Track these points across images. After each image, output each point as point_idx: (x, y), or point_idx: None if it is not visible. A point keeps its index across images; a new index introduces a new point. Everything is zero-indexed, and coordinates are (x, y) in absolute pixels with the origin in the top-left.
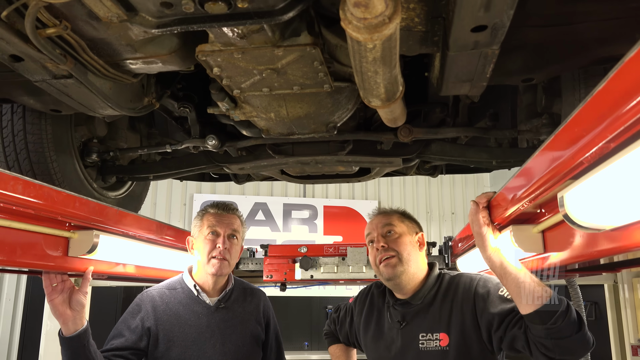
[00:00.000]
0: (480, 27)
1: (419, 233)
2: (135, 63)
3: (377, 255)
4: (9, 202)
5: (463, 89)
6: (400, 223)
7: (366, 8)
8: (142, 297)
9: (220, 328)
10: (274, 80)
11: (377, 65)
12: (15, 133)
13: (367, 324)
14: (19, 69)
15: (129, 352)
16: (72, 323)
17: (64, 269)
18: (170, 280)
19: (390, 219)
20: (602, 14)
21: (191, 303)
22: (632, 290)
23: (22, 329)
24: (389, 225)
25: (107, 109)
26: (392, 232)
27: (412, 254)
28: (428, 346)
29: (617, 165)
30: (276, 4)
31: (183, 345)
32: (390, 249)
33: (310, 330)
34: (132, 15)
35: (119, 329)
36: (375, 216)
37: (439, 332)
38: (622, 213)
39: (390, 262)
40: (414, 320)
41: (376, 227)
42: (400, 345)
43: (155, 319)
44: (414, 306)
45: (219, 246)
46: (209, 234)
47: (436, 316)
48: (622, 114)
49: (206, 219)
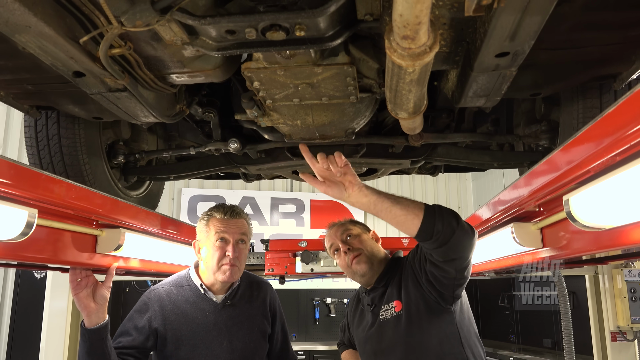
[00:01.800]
0: (504, 53)
1: (370, 231)
2: (181, 76)
3: (346, 258)
4: (54, 204)
5: (479, 102)
6: (354, 226)
7: (412, 40)
8: (150, 296)
9: (227, 326)
10: (306, 92)
11: (412, 86)
12: (50, 137)
13: (354, 318)
14: (79, 84)
15: (136, 350)
16: (95, 316)
17: (93, 265)
18: (177, 277)
19: (344, 226)
20: (604, 40)
21: (198, 301)
22: (611, 280)
23: (11, 323)
24: (346, 230)
25: (150, 117)
26: (351, 236)
27: (374, 248)
28: (386, 315)
29: (617, 177)
30: (327, 32)
31: (191, 344)
32: (355, 248)
33: (298, 321)
34: (194, 39)
35: (126, 327)
36: (330, 229)
37: (393, 301)
38: (619, 216)
39: (360, 259)
40: (378, 300)
41: (336, 236)
42: (370, 324)
43: (163, 318)
44: (379, 289)
45: (229, 254)
46: (218, 241)
47: (392, 289)
48: (623, 137)
49: (213, 225)
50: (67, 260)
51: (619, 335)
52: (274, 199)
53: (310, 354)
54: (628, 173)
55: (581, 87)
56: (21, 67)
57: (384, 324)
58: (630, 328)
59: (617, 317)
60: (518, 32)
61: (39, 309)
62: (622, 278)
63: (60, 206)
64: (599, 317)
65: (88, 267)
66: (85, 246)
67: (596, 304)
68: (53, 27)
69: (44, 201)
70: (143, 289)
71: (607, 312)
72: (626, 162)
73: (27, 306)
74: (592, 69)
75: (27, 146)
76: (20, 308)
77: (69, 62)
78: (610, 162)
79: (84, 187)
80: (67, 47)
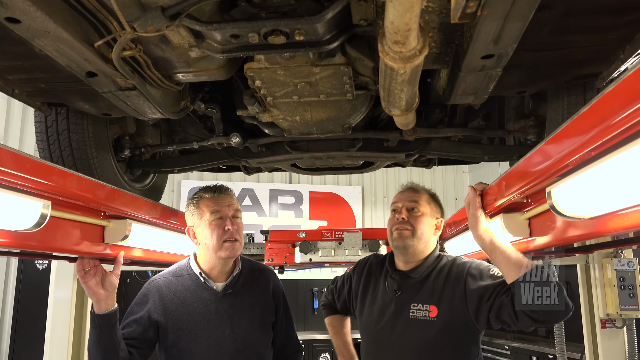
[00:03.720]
0: (489, 55)
1: (439, 219)
2: (186, 75)
3: (396, 223)
4: (66, 196)
5: (468, 100)
6: (426, 204)
7: (403, 45)
8: (149, 287)
9: (229, 314)
10: (304, 90)
11: (403, 85)
12: (59, 132)
13: (365, 290)
14: (91, 83)
15: (137, 341)
16: (104, 302)
17: (101, 255)
18: (177, 267)
19: (419, 197)
20: (585, 42)
21: (198, 290)
22: (602, 270)
23: (14, 314)
24: (415, 203)
25: (157, 114)
26: (415, 209)
27: (425, 234)
28: (417, 315)
29: (597, 169)
30: (324, 36)
31: (192, 334)
32: (408, 223)
33: (296, 311)
34: (200, 42)
35: (127, 320)
36: (406, 189)
37: (429, 304)
38: (598, 206)
39: (403, 234)
40: (408, 291)
41: (404, 200)
42: (392, 311)
43: (164, 309)
44: (411, 279)
45: (229, 228)
46: (215, 219)
47: (429, 290)
48: (599, 132)
49: (204, 205)
50: (76, 250)
51: (608, 323)
52: (272, 190)
53: (308, 343)
54: (604, 166)
55: (566, 85)
56: (36, 67)
57: (412, 322)
58: (619, 315)
59: (607, 305)
60: (501, 36)
61: (41, 300)
62: (612, 267)
63: (72, 198)
64: (590, 305)
65: (96, 256)
66: (94, 236)
67: (587, 293)
68: (70, 32)
69: (57, 193)
70: (144, 279)
71: (597, 300)
72: (602, 155)
73: (30, 297)
74: (574, 68)
75: (38, 141)
76: (23, 299)
77: (83, 63)
78: (587, 157)
79: (93, 179)
80: (82, 50)
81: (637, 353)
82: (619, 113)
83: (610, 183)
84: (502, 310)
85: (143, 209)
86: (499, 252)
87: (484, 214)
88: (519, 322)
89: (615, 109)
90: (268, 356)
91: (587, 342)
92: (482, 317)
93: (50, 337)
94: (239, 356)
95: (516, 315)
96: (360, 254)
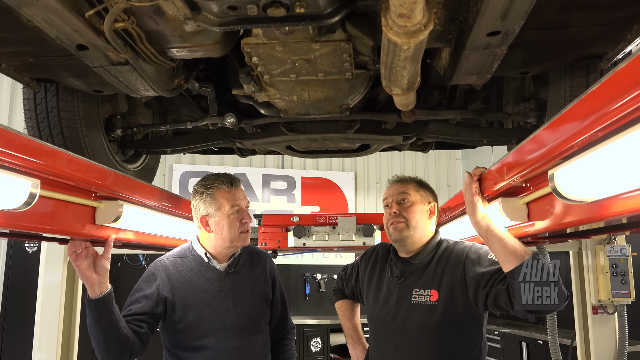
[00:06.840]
0: (495, 32)
1: (431, 203)
2: (181, 51)
3: (390, 219)
4: (56, 175)
5: (470, 80)
6: (415, 192)
7: (408, 18)
8: (156, 266)
9: (231, 291)
10: (303, 68)
11: (406, 62)
12: (49, 110)
13: (371, 277)
14: (82, 57)
15: (147, 316)
16: (98, 286)
17: (92, 237)
18: (180, 249)
19: (406, 187)
20: (592, 21)
21: (203, 269)
22: (594, 256)
23: (4, 296)
24: (404, 194)
25: (150, 91)
26: (405, 200)
27: (419, 222)
28: (419, 300)
29: (602, 151)
30: (325, 9)
31: (199, 309)
32: (400, 215)
33: (288, 297)
34: (196, 14)
35: (135, 296)
36: (394, 183)
37: (430, 289)
38: (601, 189)
39: (398, 227)
40: (411, 277)
41: (393, 194)
42: (396, 297)
43: (171, 286)
44: (413, 265)
45: (246, 222)
46: (235, 212)
47: (430, 275)
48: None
49: (222, 197)
50: (66, 230)
51: (600, 309)
52: (265, 175)
53: (300, 328)
54: (609, 148)
55: (569, 66)
56: (24, 39)
57: (414, 307)
58: (611, 302)
59: (599, 291)
60: (509, 11)
61: (30, 283)
62: (605, 254)
63: (62, 177)
64: (582, 291)
65: (87, 238)
66: (85, 217)
67: (579, 279)
68: (60, 1)
69: (47, 172)
70: (135, 263)
71: (589, 286)
72: (607, 137)
73: (19, 281)
74: (580, 48)
75: (27, 118)
76: (13, 283)
77: (73, 35)
78: (592, 138)
79: (84, 159)
80: (72, 21)
81: (627, 339)
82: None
83: (615, 166)
84: (499, 298)
85: (135, 190)
86: (496, 240)
87: (482, 199)
88: (515, 310)
89: (628, 87)
90: (267, 331)
91: (578, 328)
92: (480, 302)
93: (40, 322)
94: (242, 330)
95: (512, 304)
96: (354, 239)
